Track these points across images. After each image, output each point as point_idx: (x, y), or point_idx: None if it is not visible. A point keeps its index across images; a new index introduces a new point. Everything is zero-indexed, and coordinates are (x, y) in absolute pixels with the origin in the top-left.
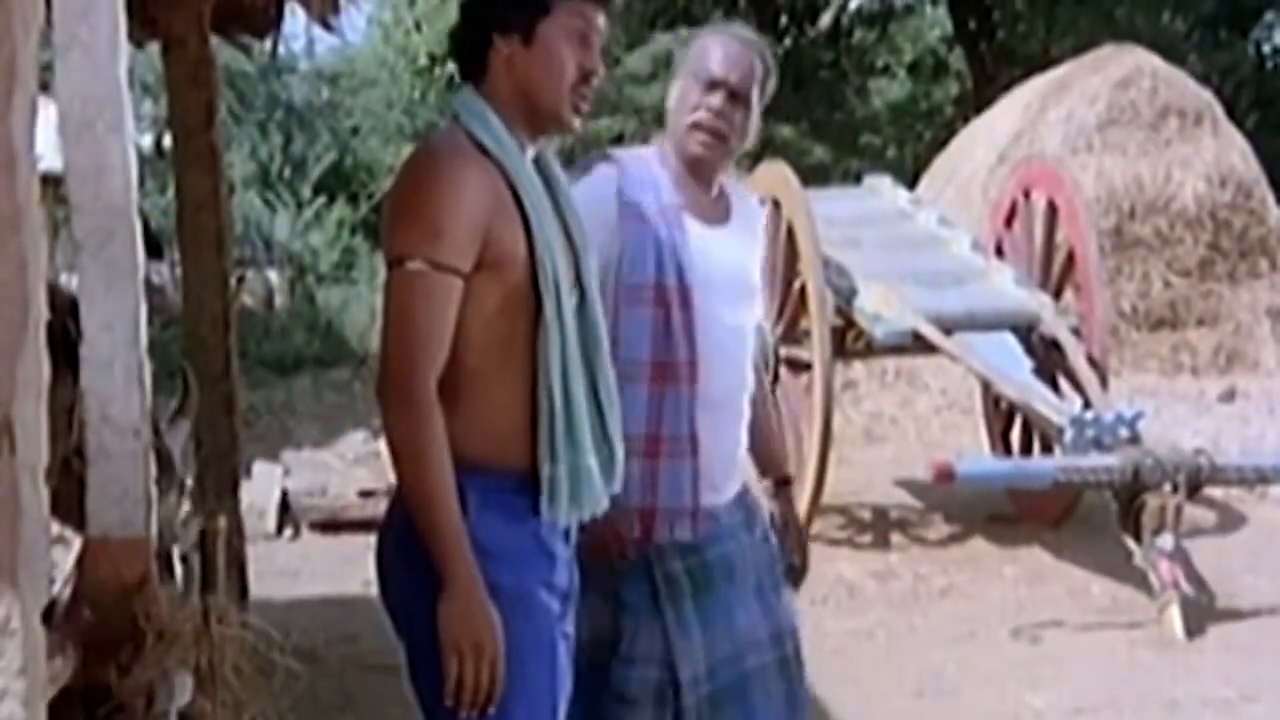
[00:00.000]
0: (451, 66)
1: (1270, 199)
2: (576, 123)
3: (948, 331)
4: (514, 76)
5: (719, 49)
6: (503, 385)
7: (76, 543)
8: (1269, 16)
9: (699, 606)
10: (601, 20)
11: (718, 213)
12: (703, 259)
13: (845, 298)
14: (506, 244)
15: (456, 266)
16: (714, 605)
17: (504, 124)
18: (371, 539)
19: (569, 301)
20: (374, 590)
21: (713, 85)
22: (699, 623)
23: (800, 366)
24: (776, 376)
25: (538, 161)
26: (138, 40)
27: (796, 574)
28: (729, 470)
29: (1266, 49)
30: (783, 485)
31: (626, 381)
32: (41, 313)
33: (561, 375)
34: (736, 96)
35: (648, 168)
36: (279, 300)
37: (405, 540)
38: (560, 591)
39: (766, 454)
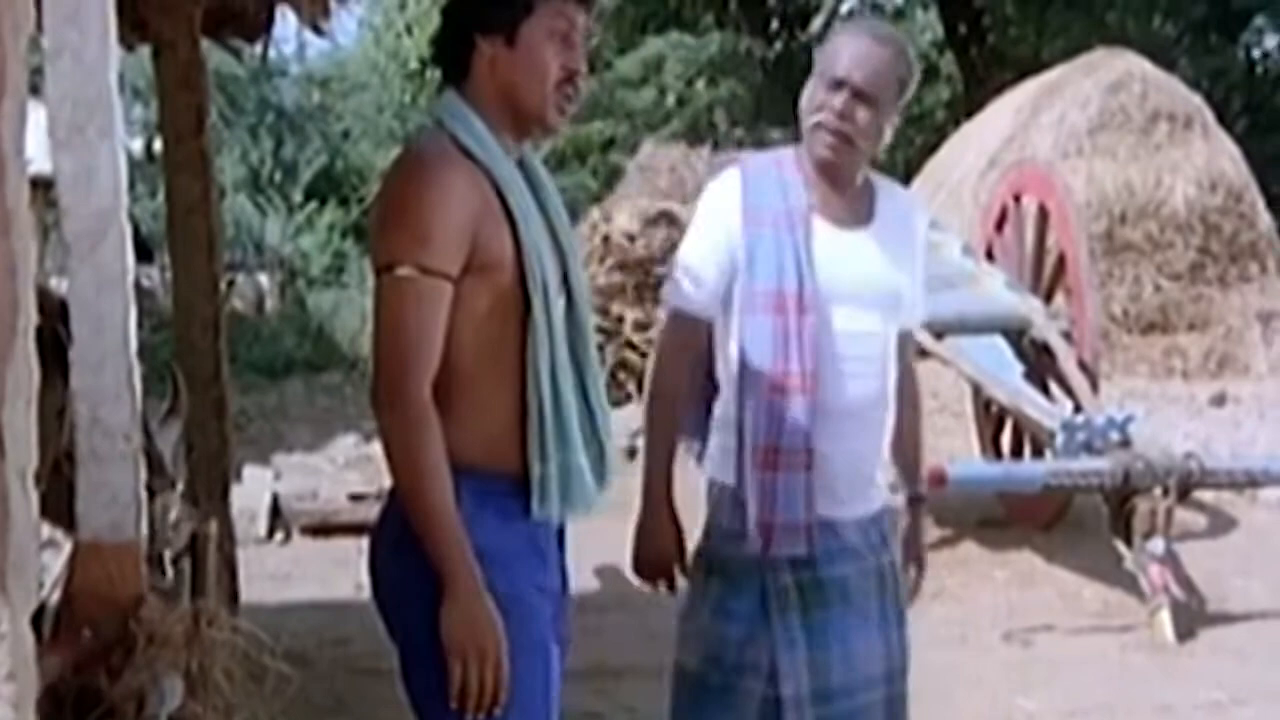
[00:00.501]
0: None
1: (1260, 203)
2: (562, 123)
3: (938, 335)
4: (497, 78)
5: (847, 47)
6: (493, 387)
7: (67, 546)
8: (1259, 21)
9: (807, 624)
10: (584, 20)
11: (856, 215)
12: (830, 264)
13: None
14: (494, 248)
15: (445, 271)
16: (825, 626)
17: (488, 127)
18: (362, 543)
19: (557, 303)
20: (365, 594)
21: (836, 85)
22: (805, 641)
23: None
24: None
25: (522, 163)
26: (128, 44)
27: (913, 594)
28: (856, 485)
29: (1256, 54)
30: (915, 502)
31: (748, 391)
32: (31, 317)
33: (550, 376)
34: (861, 96)
35: (780, 170)
36: (270, 304)
37: (399, 543)
38: (552, 594)
39: (902, 466)
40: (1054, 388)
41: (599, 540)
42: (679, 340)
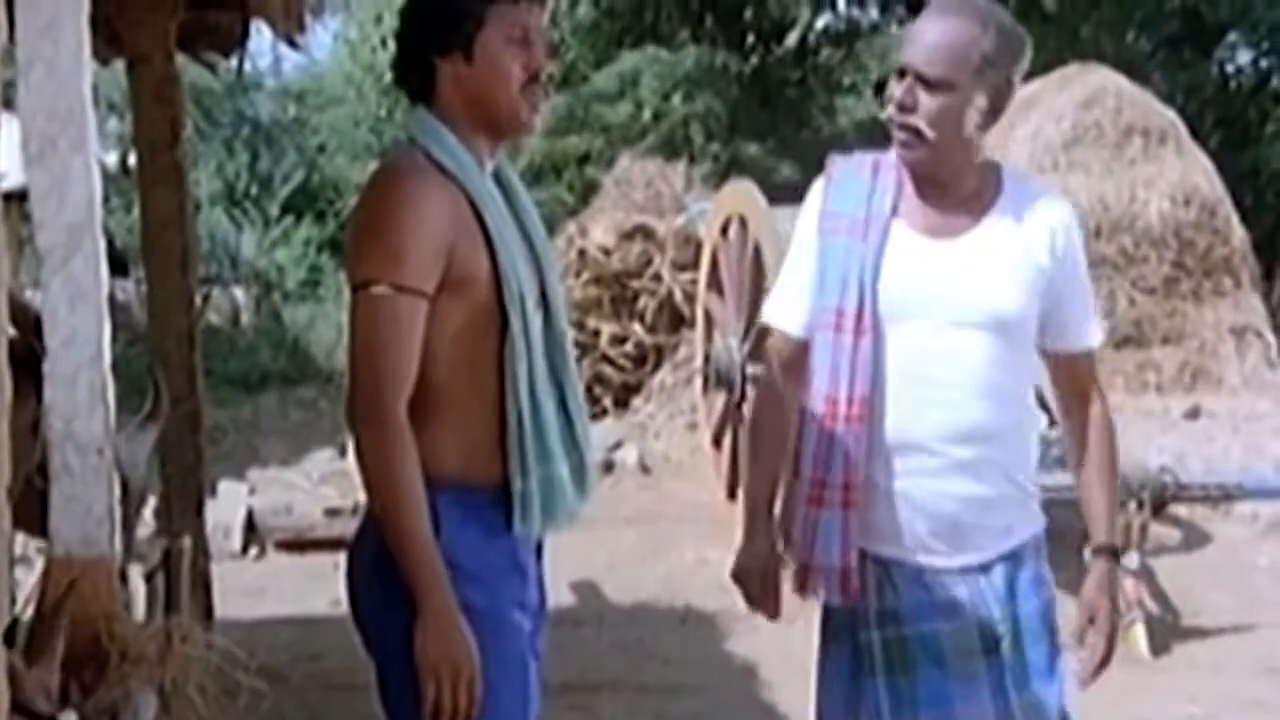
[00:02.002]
0: None
1: (1234, 218)
2: (536, 120)
3: None
4: (463, 93)
5: (917, 29)
6: (472, 402)
7: (40, 562)
8: (1232, 37)
9: (892, 685)
10: (537, 17)
11: (953, 221)
12: (904, 277)
13: None
14: (471, 263)
15: (421, 288)
16: (912, 689)
17: (461, 141)
18: (338, 558)
19: (534, 315)
20: (340, 609)
21: (900, 74)
22: (890, 706)
23: None
24: (744, 394)
25: (497, 175)
26: (103, 57)
27: (1092, 665)
28: (943, 530)
29: (1230, 69)
30: (1101, 554)
31: (806, 419)
32: (4, 329)
33: (530, 391)
34: (924, 80)
35: (873, 173)
36: (245, 317)
37: (378, 559)
38: (531, 610)
39: (1088, 513)
40: None
41: (574, 555)
42: (777, 361)
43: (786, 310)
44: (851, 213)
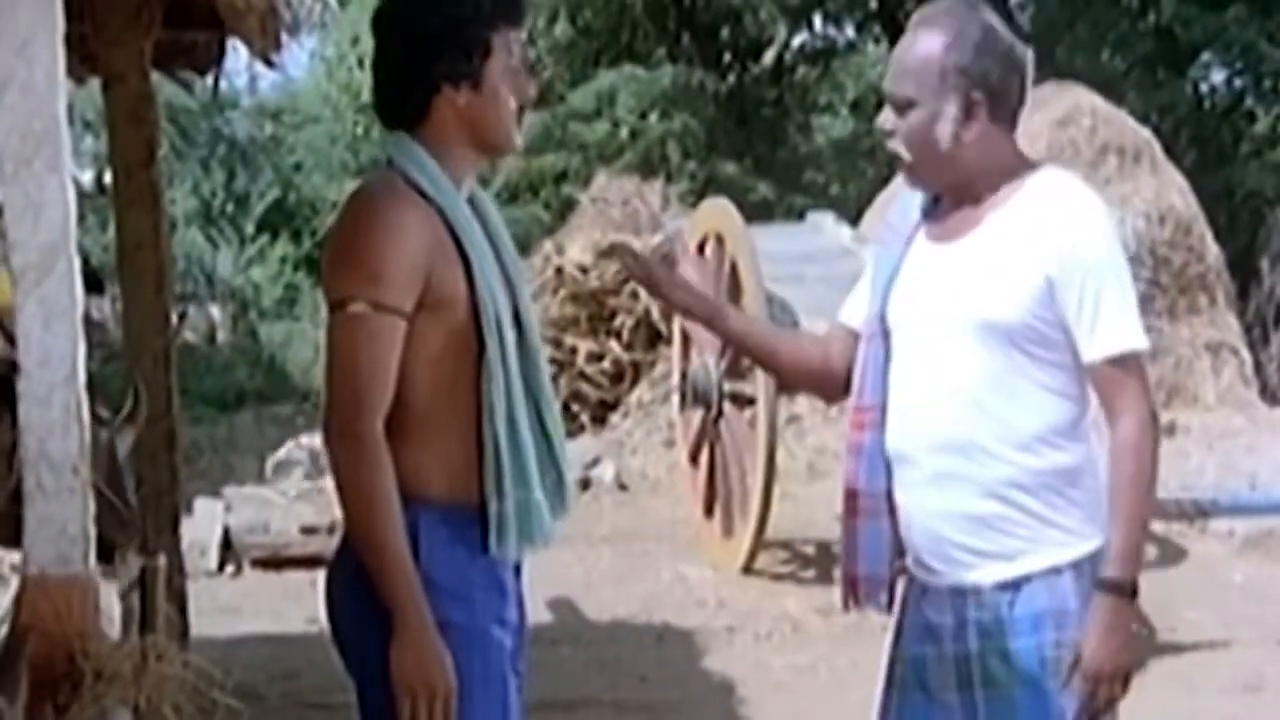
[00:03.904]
0: None
1: (1209, 236)
2: (518, 143)
3: None
4: (464, 120)
5: (895, 51)
6: (450, 423)
7: (15, 581)
8: (1206, 57)
9: (889, 704)
10: (521, 44)
11: (959, 226)
12: (910, 284)
13: None
14: (448, 285)
15: (398, 307)
16: (901, 711)
17: (442, 165)
18: (314, 575)
19: (510, 338)
20: (316, 627)
21: (882, 101)
22: None
23: (744, 401)
24: (721, 412)
25: (472, 201)
26: (78, 76)
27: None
28: (936, 549)
29: (1204, 88)
30: (1103, 589)
31: (853, 429)
32: None
33: (507, 414)
34: (893, 101)
35: None
36: (221, 335)
37: (356, 578)
38: (512, 627)
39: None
40: None
41: (550, 572)
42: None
43: (846, 314)
44: (900, 224)
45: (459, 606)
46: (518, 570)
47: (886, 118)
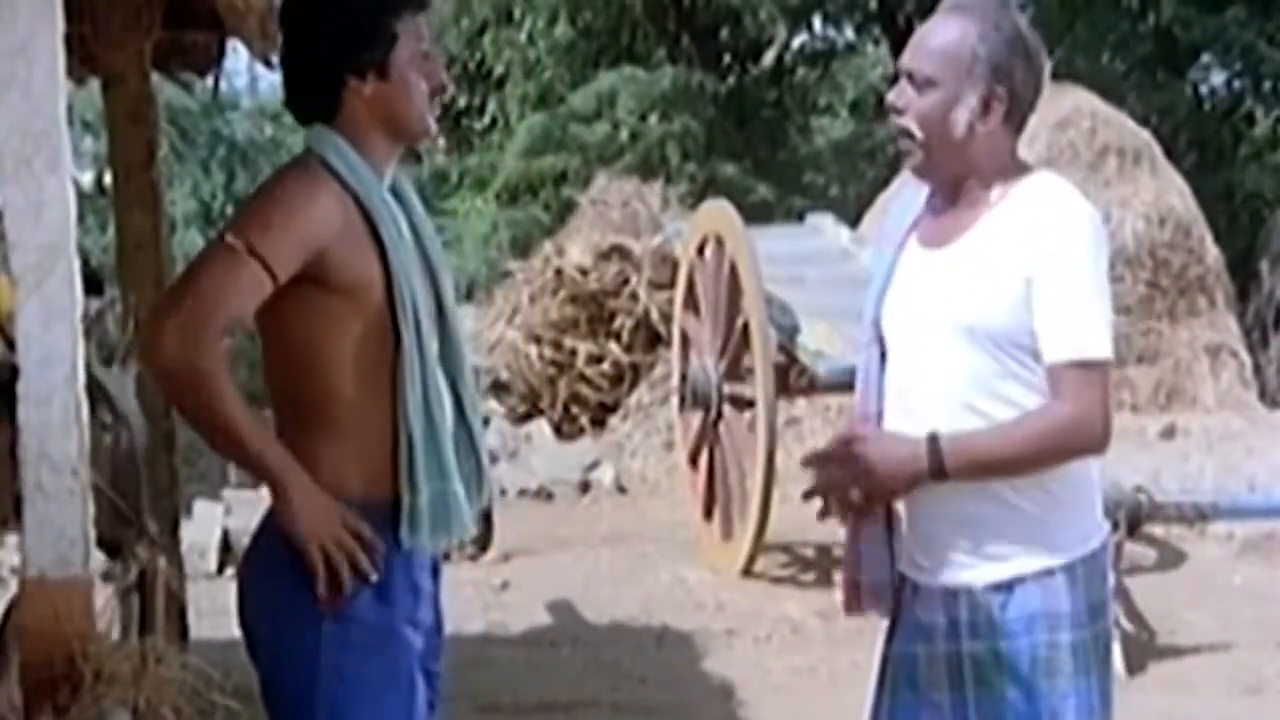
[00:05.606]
0: None
1: (1208, 238)
2: (437, 128)
3: None
4: (375, 110)
5: (917, 31)
6: (374, 415)
7: (14, 584)
8: (1205, 58)
9: (880, 705)
10: (428, 28)
11: (949, 230)
12: (899, 290)
13: (788, 335)
14: (357, 269)
15: (269, 262)
16: (892, 712)
17: (361, 155)
18: None
19: (429, 329)
20: None
21: (896, 77)
22: None
23: (743, 404)
24: (720, 414)
25: (394, 189)
26: (78, 77)
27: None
28: (931, 550)
29: (1204, 90)
30: (931, 452)
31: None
32: None
33: (423, 406)
34: (912, 77)
35: (922, 186)
36: None
37: (270, 559)
38: (425, 627)
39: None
40: None
41: (550, 574)
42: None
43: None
44: (895, 229)
45: (373, 605)
46: (435, 571)
47: (899, 93)
